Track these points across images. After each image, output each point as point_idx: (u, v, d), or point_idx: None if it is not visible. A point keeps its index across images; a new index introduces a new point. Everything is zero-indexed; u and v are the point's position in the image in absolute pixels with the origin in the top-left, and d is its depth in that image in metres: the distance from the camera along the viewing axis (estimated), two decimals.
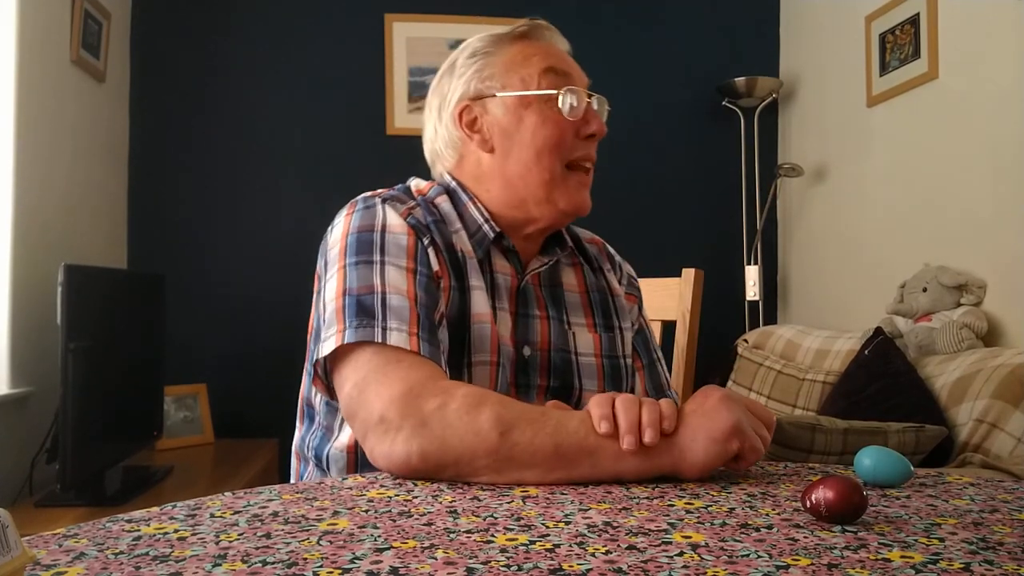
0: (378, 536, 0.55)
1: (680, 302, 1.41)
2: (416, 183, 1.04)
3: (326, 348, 0.84)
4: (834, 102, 3.06)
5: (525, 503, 0.65)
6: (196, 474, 2.42)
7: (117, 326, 2.18)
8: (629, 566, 0.49)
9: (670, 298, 1.41)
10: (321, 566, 0.48)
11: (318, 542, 0.53)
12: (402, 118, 3.15)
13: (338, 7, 3.14)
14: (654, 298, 1.37)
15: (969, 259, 2.33)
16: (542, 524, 0.58)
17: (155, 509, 0.62)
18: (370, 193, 0.99)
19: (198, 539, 0.54)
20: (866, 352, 2.27)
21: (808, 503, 0.59)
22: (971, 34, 2.36)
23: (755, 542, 0.54)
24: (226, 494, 0.67)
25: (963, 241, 2.37)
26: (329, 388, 0.90)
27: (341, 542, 0.53)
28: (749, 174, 3.30)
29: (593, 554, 0.51)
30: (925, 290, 2.32)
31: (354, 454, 0.92)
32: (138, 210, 3.00)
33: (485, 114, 0.99)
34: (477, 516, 0.61)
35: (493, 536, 0.55)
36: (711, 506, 0.64)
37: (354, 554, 0.51)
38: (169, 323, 2.63)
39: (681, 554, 0.51)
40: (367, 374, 0.81)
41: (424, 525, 0.58)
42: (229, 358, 3.00)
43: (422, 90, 3.16)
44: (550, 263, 1.03)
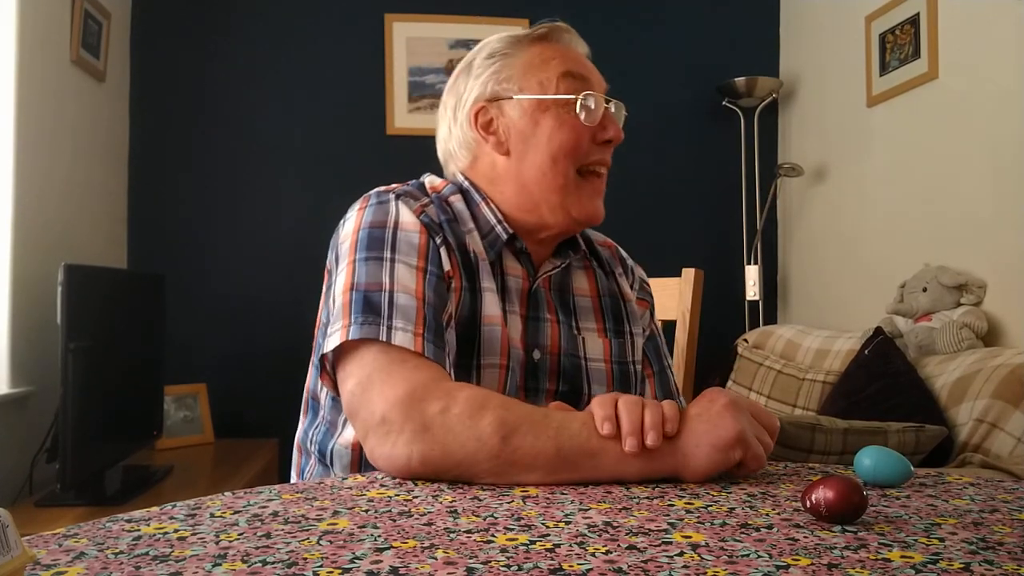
0: (378, 536, 0.55)
1: (680, 302, 1.41)
2: (431, 180, 1.03)
3: (331, 343, 0.84)
4: (834, 102, 3.06)
5: (525, 503, 0.65)
6: (196, 474, 2.42)
7: (117, 326, 2.18)
8: (629, 566, 0.49)
9: (670, 298, 1.41)
10: (321, 566, 0.48)
11: (318, 542, 0.53)
12: (402, 118, 3.15)
13: (338, 7, 3.14)
14: (654, 298, 1.37)
15: (969, 259, 2.33)
16: (542, 524, 0.58)
17: (155, 509, 0.62)
18: (384, 188, 0.97)
19: (198, 539, 0.54)
20: (866, 352, 2.27)
21: (808, 503, 0.59)
22: (971, 34, 2.36)
23: (755, 542, 0.54)
24: (226, 494, 0.67)
25: (963, 241, 2.37)
26: (335, 383, 0.89)
27: (341, 542, 0.53)
28: (749, 174, 3.30)
29: (593, 554, 0.51)
30: (925, 290, 2.33)
31: (358, 450, 0.91)
32: (138, 210, 3.00)
33: (501, 116, 0.98)
34: (477, 516, 0.61)
35: (493, 536, 0.55)
36: (711, 506, 0.64)
37: (354, 554, 0.51)
38: (169, 323, 2.63)
39: (681, 554, 0.51)
40: (371, 373, 0.81)
41: (424, 525, 0.58)
42: (229, 358, 3.00)
43: (422, 90, 3.16)
44: (562, 266, 1.02)
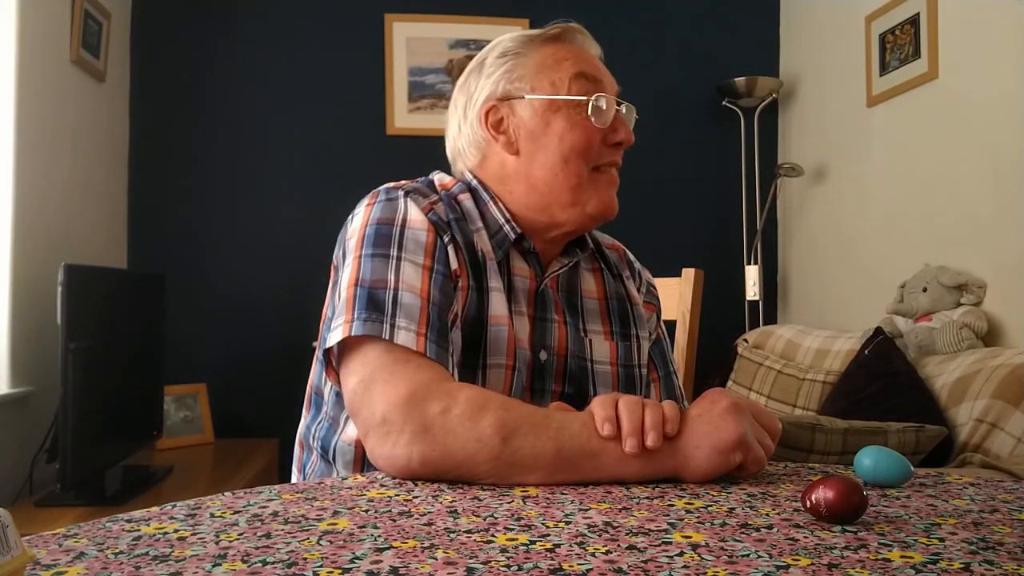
0: (378, 536, 0.55)
1: (680, 302, 1.41)
2: (440, 178, 1.02)
3: (333, 337, 0.84)
4: (834, 102, 3.06)
5: (525, 503, 0.65)
6: (196, 474, 2.42)
7: (117, 326, 2.18)
8: (629, 566, 0.49)
9: (670, 298, 1.41)
10: (321, 566, 0.48)
11: (318, 542, 0.53)
12: (402, 118, 3.15)
13: (338, 7, 3.14)
14: None
15: (969, 259, 2.33)
16: (542, 524, 0.58)
17: (155, 509, 0.62)
18: (393, 184, 0.97)
19: (198, 539, 0.54)
20: (866, 352, 2.27)
21: (808, 503, 0.59)
22: (971, 34, 2.36)
23: (755, 542, 0.54)
24: (226, 494, 0.67)
25: (963, 241, 2.37)
26: (339, 377, 0.89)
27: (341, 542, 0.53)
28: (749, 174, 3.31)
29: (593, 554, 0.51)
30: (925, 290, 2.32)
31: (361, 447, 0.90)
32: (138, 210, 3.00)
33: (512, 115, 0.98)
34: (477, 516, 0.61)
35: (493, 536, 0.55)
36: (711, 506, 0.64)
37: (354, 554, 0.51)
38: (169, 323, 2.63)
39: (681, 554, 0.51)
40: (373, 372, 0.81)
41: (424, 525, 0.58)
42: (229, 358, 3.00)
43: (422, 90, 3.16)
44: (569, 264, 1.02)
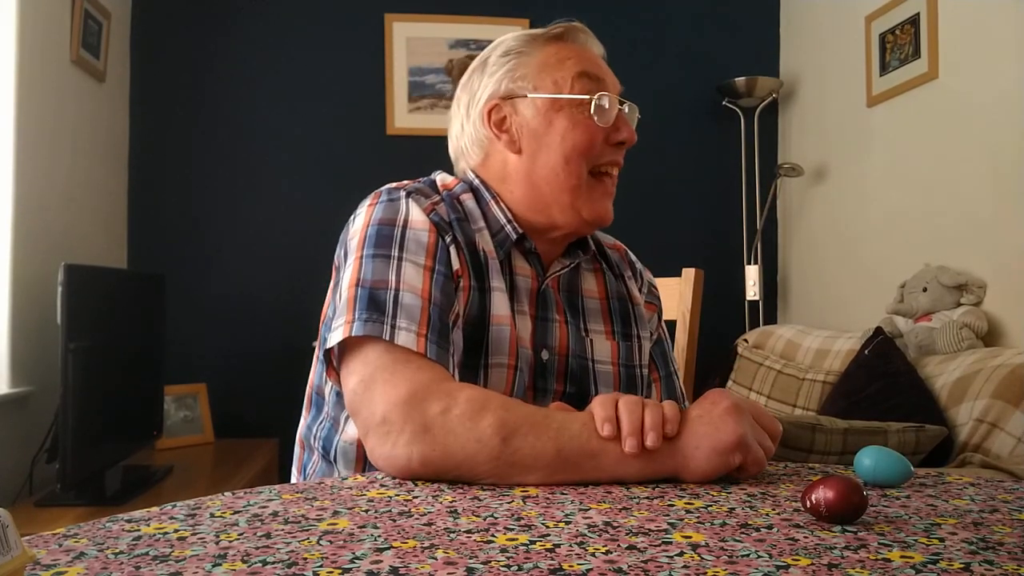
0: (378, 536, 0.55)
1: (680, 302, 1.41)
2: (442, 178, 1.02)
3: (334, 338, 0.84)
4: (834, 102, 3.06)
5: (525, 503, 0.65)
6: (196, 474, 2.42)
7: (117, 326, 2.18)
8: (629, 566, 0.49)
9: (670, 298, 1.41)
10: (321, 566, 0.48)
11: (318, 542, 0.53)
12: (402, 118, 3.15)
13: (338, 7, 3.14)
14: None
15: (969, 259, 2.33)
16: (542, 524, 0.58)
17: (155, 509, 0.62)
18: (395, 184, 0.97)
19: (198, 539, 0.54)
20: (866, 352, 2.27)
21: (808, 503, 0.59)
22: (971, 34, 2.36)
23: (755, 542, 0.54)
24: (226, 494, 0.67)
25: (963, 241, 2.37)
26: (340, 377, 0.89)
27: (341, 542, 0.53)
28: (749, 174, 3.30)
29: (593, 554, 0.51)
30: (925, 290, 2.32)
31: (363, 447, 0.90)
32: (138, 210, 3.00)
33: (515, 114, 0.98)
34: (477, 516, 0.61)
35: (493, 536, 0.55)
36: (711, 506, 0.64)
37: (354, 554, 0.51)
38: (169, 323, 2.63)
39: (681, 554, 0.51)
40: (374, 372, 0.81)
41: (424, 525, 0.58)
42: (229, 358, 3.00)
43: (422, 90, 3.16)
44: (571, 265, 1.02)
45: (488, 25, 3.12)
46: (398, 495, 0.68)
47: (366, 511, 0.62)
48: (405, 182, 0.98)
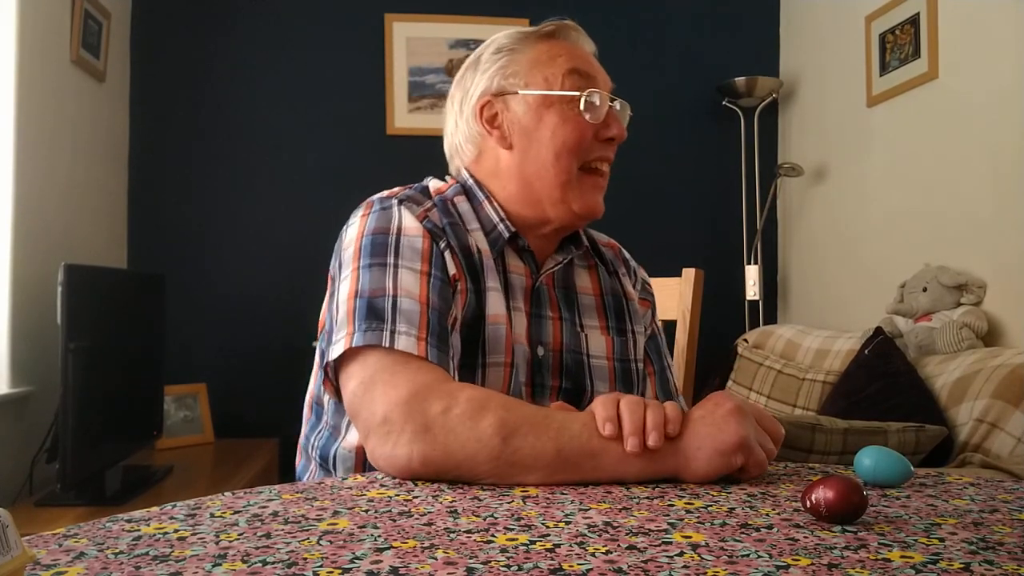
0: (378, 536, 0.55)
1: (680, 302, 1.40)
2: (434, 183, 1.03)
3: (335, 351, 0.84)
4: (834, 102, 3.06)
5: (525, 503, 0.65)
6: (196, 474, 2.42)
7: (117, 326, 2.18)
8: (629, 566, 0.49)
9: (670, 298, 1.41)
10: (321, 566, 0.48)
11: (318, 542, 0.53)
12: (402, 118, 3.15)
13: (338, 7, 3.14)
14: (655, 298, 1.37)
15: (969, 259, 2.33)
16: (542, 524, 0.58)
17: (155, 509, 0.62)
18: (387, 193, 0.98)
19: (198, 539, 0.54)
20: (866, 352, 2.27)
21: (808, 503, 0.59)
22: (971, 34, 2.36)
23: (755, 542, 0.54)
24: (226, 494, 0.67)
25: (963, 241, 2.37)
26: (338, 390, 0.89)
27: (341, 542, 0.53)
28: (749, 174, 3.30)
29: (593, 554, 0.51)
30: (925, 290, 2.32)
31: (362, 454, 0.91)
32: (138, 210, 3.00)
33: (506, 111, 0.99)
34: (477, 516, 0.61)
35: (493, 536, 0.55)
36: (711, 506, 0.64)
37: (354, 554, 0.51)
38: (169, 323, 2.63)
39: (681, 554, 0.51)
40: (373, 374, 0.81)
41: (424, 525, 0.58)
42: (229, 358, 3.00)
43: (422, 90, 3.16)
44: (564, 262, 1.03)
45: (488, 25, 3.12)
46: (398, 495, 0.68)
47: (366, 511, 0.62)
48: (396, 189, 0.99)
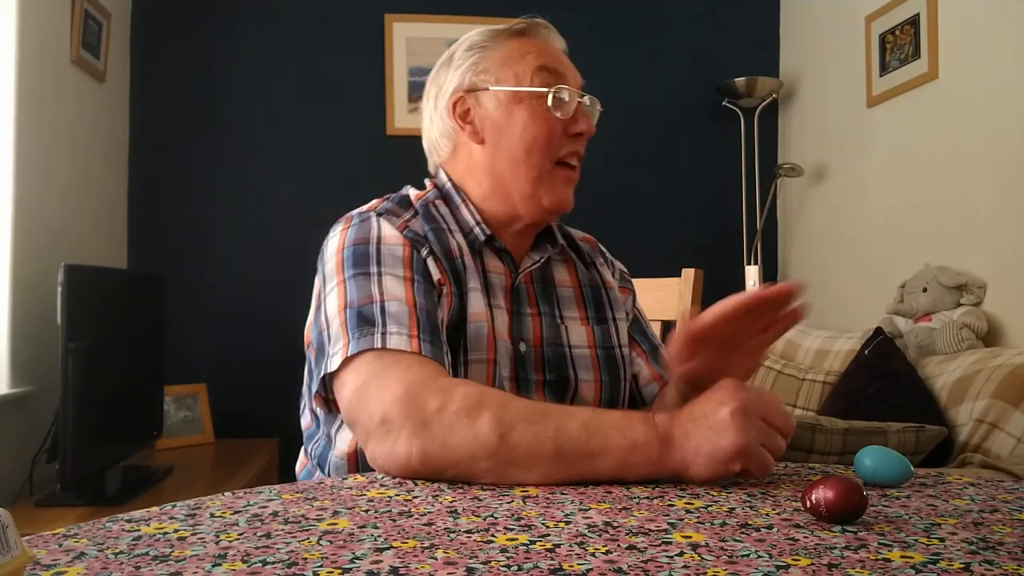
0: (378, 536, 0.55)
1: (680, 302, 1.40)
2: (413, 191, 1.05)
3: (333, 363, 0.85)
4: (834, 102, 3.06)
5: (525, 503, 0.65)
6: (196, 474, 2.42)
7: (117, 326, 2.18)
8: (629, 566, 0.49)
9: (670, 298, 1.41)
10: (321, 566, 0.48)
11: (318, 542, 0.53)
12: (402, 118, 3.15)
13: (338, 7, 3.14)
14: (654, 298, 1.37)
15: (969, 259, 2.33)
16: (542, 524, 0.58)
17: (155, 509, 0.62)
18: (365, 207, 1.00)
19: (198, 539, 0.54)
20: (866, 352, 2.27)
21: (808, 503, 0.59)
22: (971, 34, 2.36)
23: (755, 542, 0.54)
24: (226, 494, 0.67)
25: (963, 241, 2.37)
26: (327, 401, 0.90)
27: (341, 542, 0.53)
28: (749, 174, 3.30)
29: (593, 554, 0.51)
30: (925, 290, 2.32)
31: (354, 460, 0.92)
32: (138, 210, 3.00)
33: (478, 106, 1.01)
34: (477, 516, 0.61)
35: (493, 536, 0.55)
36: (711, 506, 0.64)
37: (354, 554, 0.51)
38: (169, 323, 2.63)
39: (681, 554, 0.51)
40: (366, 379, 0.81)
41: (424, 525, 0.58)
42: (229, 358, 3.00)
43: (422, 90, 3.15)
44: (541, 260, 1.04)
45: (488, 25, 3.11)
46: (398, 495, 0.68)
47: (366, 511, 0.62)
48: (374, 203, 1.01)
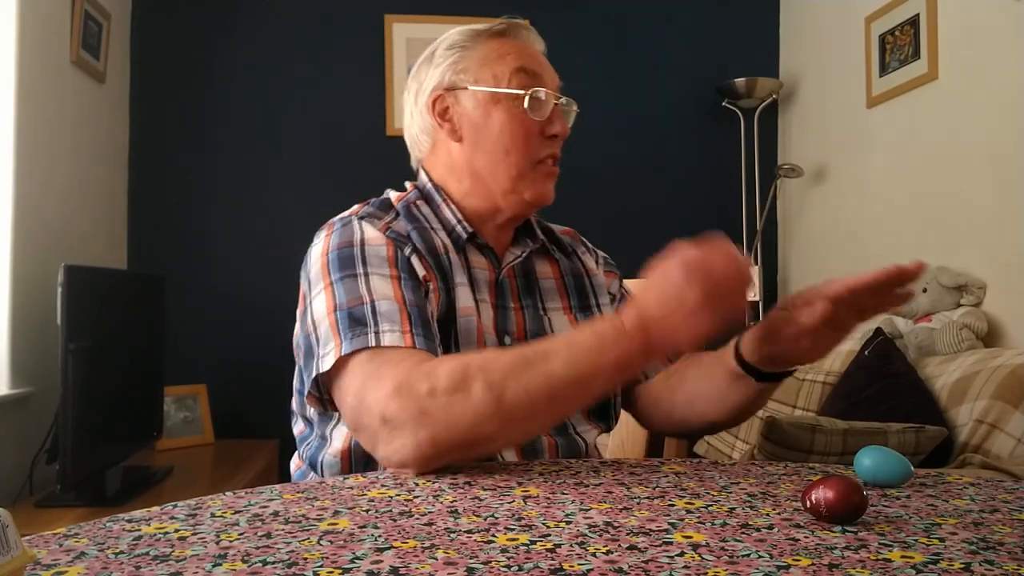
0: (379, 536, 0.55)
1: None
2: (394, 193, 1.06)
3: (326, 363, 0.85)
4: (834, 103, 3.06)
5: (526, 503, 0.65)
6: (196, 474, 2.42)
7: (117, 326, 2.18)
8: (630, 566, 0.49)
9: None
10: (321, 566, 0.48)
11: (318, 542, 0.53)
12: (402, 119, 3.15)
13: (338, 8, 3.14)
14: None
15: (969, 259, 2.33)
16: (543, 524, 0.58)
17: (155, 509, 0.62)
18: (347, 212, 1.01)
19: (198, 539, 0.54)
20: (866, 353, 2.27)
21: (808, 503, 0.59)
22: (971, 34, 2.36)
23: (756, 542, 0.54)
24: (227, 494, 0.67)
25: (963, 241, 2.37)
26: (321, 401, 0.90)
27: (341, 542, 0.53)
28: (749, 174, 3.30)
29: (594, 554, 0.51)
30: (925, 291, 2.32)
31: (348, 459, 0.93)
32: (138, 210, 3.00)
33: (456, 105, 1.02)
34: (478, 516, 0.61)
35: (494, 536, 0.55)
36: (712, 506, 0.64)
37: (354, 554, 0.51)
38: (169, 323, 2.63)
39: (682, 554, 0.51)
40: (363, 381, 0.82)
41: (425, 525, 0.58)
42: (229, 358, 3.00)
43: None
44: (523, 255, 1.06)
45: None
46: (399, 495, 0.68)
47: (366, 511, 0.62)
48: (355, 208, 1.02)
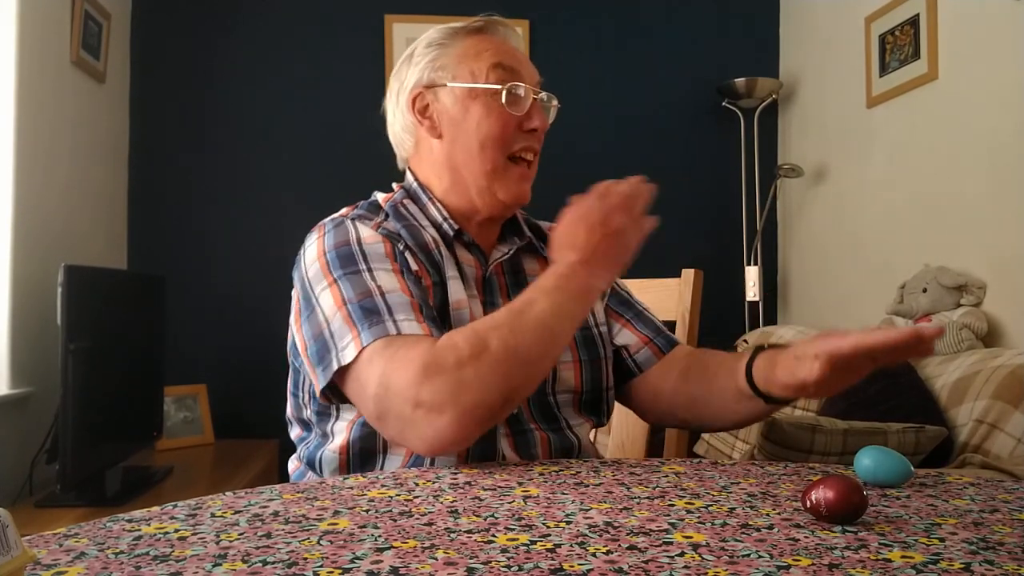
0: (379, 536, 0.55)
1: (680, 302, 1.40)
2: (382, 195, 1.08)
3: (347, 356, 0.85)
4: (834, 103, 3.06)
5: (526, 503, 0.65)
6: (196, 475, 2.42)
7: (117, 326, 2.18)
8: (630, 566, 0.49)
9: (670, 298, 1.41)
10: (321, 566, 0.48)
11: (318, 542, 0.53)
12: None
13: (338, 8, 3.14)
14: (654, 298, 1.37)
15: (969, 259, 2.33)
16: (543, 524, 0.58)
17: (155, 509, 0.62)
18: (336, 215, 1.02)
19: (198, 539, 0.54)
20: None
21: (808, 503, 0.59)
22: (971, 35, 2.36)
23: (756, 542, 0.54)
24: (227, 494, 0.67)
25: (963, 241, 2.37)
26: (333, 396, 0.90)
27: (341, 542, 0.53)
28: (749, 174, 3.30)
29: (594, 554, 0.51)
30: (925, 291, 2.32)
31: (346, 455, 0.93)
32: (138, 210, 3.00)
33: (436, 102, 1.03)
34: (478, 516, 0.61)
35: (494, 536, 0.55)
36: (712, 506, 0.64)
37: (354, 554, 0.51)
38: (169, 323, 2.62)
39: (682, 554, 0.51)
40: (384, 368, 0.82)
41: (425, 525, 0.58)
42: (229, 358, 3.00)
43: None
44: (510, 252, 1.06)
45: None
46: (399, 495, 0.68)
47: (367, 511, 0.62)
48: (344, 211, 1.04)
